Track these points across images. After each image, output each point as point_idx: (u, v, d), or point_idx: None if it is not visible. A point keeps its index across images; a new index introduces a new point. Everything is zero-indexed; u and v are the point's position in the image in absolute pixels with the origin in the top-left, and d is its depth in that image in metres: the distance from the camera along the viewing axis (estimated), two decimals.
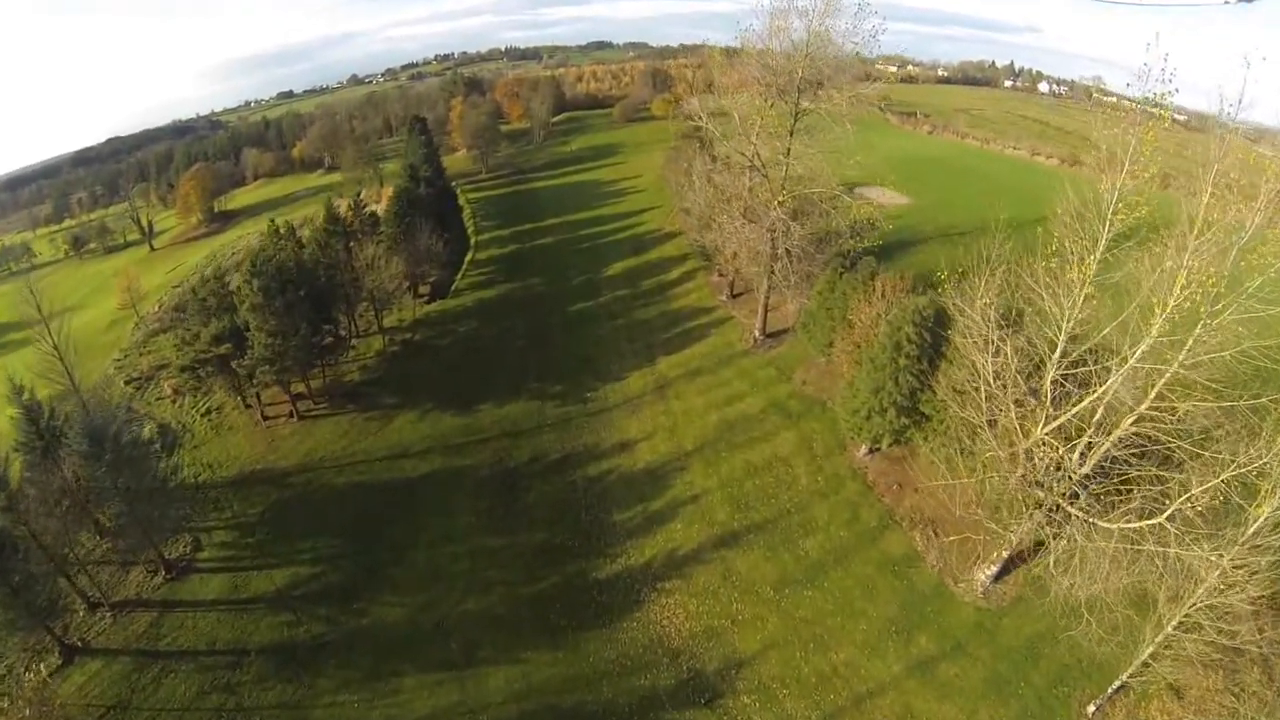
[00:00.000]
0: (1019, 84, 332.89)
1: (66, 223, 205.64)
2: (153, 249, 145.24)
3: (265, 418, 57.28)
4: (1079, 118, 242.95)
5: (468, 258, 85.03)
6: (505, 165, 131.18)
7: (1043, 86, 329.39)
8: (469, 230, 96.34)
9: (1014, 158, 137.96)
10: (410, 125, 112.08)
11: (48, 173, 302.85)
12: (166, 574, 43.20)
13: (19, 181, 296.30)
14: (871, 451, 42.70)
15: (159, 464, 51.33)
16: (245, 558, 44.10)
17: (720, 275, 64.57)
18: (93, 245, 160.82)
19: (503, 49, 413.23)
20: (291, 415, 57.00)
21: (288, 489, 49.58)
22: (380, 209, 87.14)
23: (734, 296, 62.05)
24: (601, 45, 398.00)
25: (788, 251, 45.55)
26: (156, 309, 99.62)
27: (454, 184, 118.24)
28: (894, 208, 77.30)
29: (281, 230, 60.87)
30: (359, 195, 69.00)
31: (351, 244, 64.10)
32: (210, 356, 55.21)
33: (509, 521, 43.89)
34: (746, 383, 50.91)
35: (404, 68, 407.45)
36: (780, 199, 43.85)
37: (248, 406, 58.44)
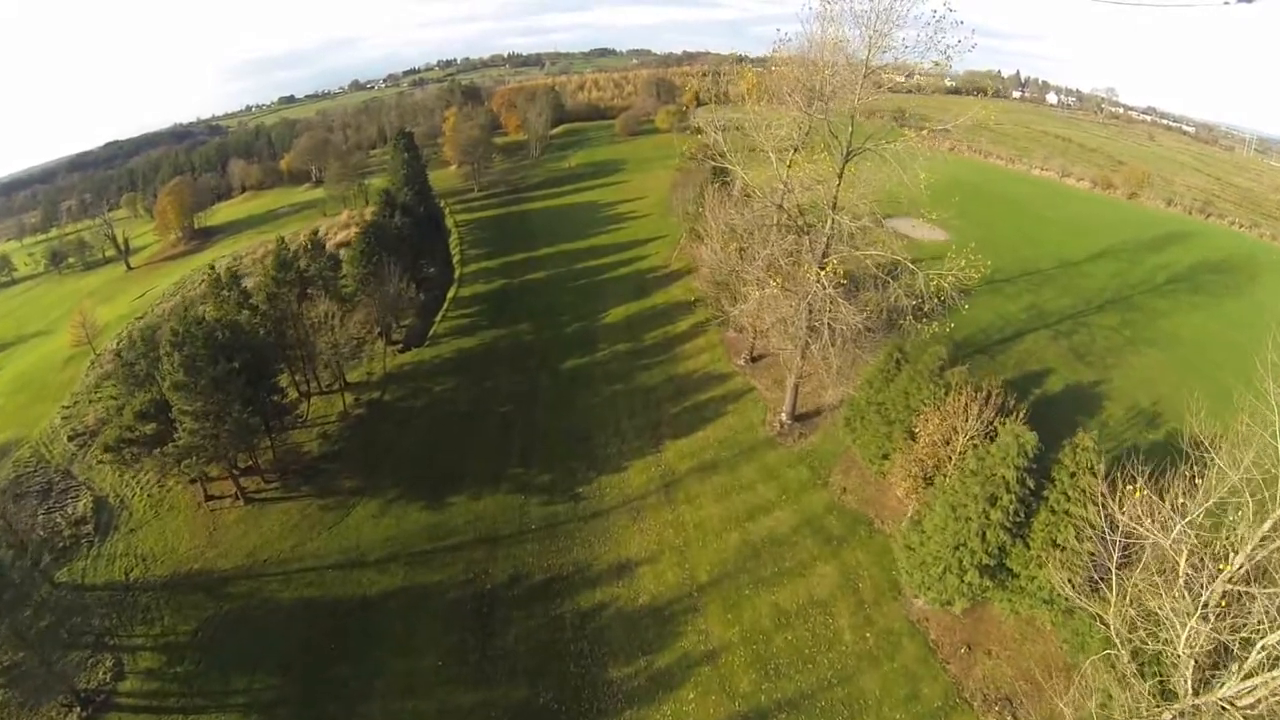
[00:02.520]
0: (1027, 94, 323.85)
1: (53, 232, 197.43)
2: (129, 268, 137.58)
3: (209, 497, 48.94)
4: (1096, 132, 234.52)
5: (450, 294, 76.03)
6: (499, 182, 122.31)
7: (1050, 97, 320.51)
8: (454, 259, 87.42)
9: (1044, 180, 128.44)
10: (395, 140, 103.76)
11: (44, 177, 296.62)
12: (81, 711, 35.05)
13: (14, 186, 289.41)
14: None
15: (75, 564, 44.56)
16: (172, 693, 35.73)
17: (737, 331, 55.28)
18: (71, 260, 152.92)
19: (505, 55, 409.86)
20: (238, 497, 48.50)
21: (226, 601, 40.97)
22: (350, 235, 78.58)
23: (754, 360, 52.67)
24: (604, 52, 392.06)
25: (830, 328, 35.90)
26: (115, 344, 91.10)
27: (442, 203, 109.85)
28: (931, 245, 68.15)
29: (223, 278, 51.69)
30: (317, 233, 59.73)
31: (310, 290, 55.24)
32: (136, 436, 46.92)
33: (483, 668, 34.80)
34: (773, 487, 41.51)
35: (406, 73, 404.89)
36: (827, 269, 34.12)
37: (192, 482, 49.86)
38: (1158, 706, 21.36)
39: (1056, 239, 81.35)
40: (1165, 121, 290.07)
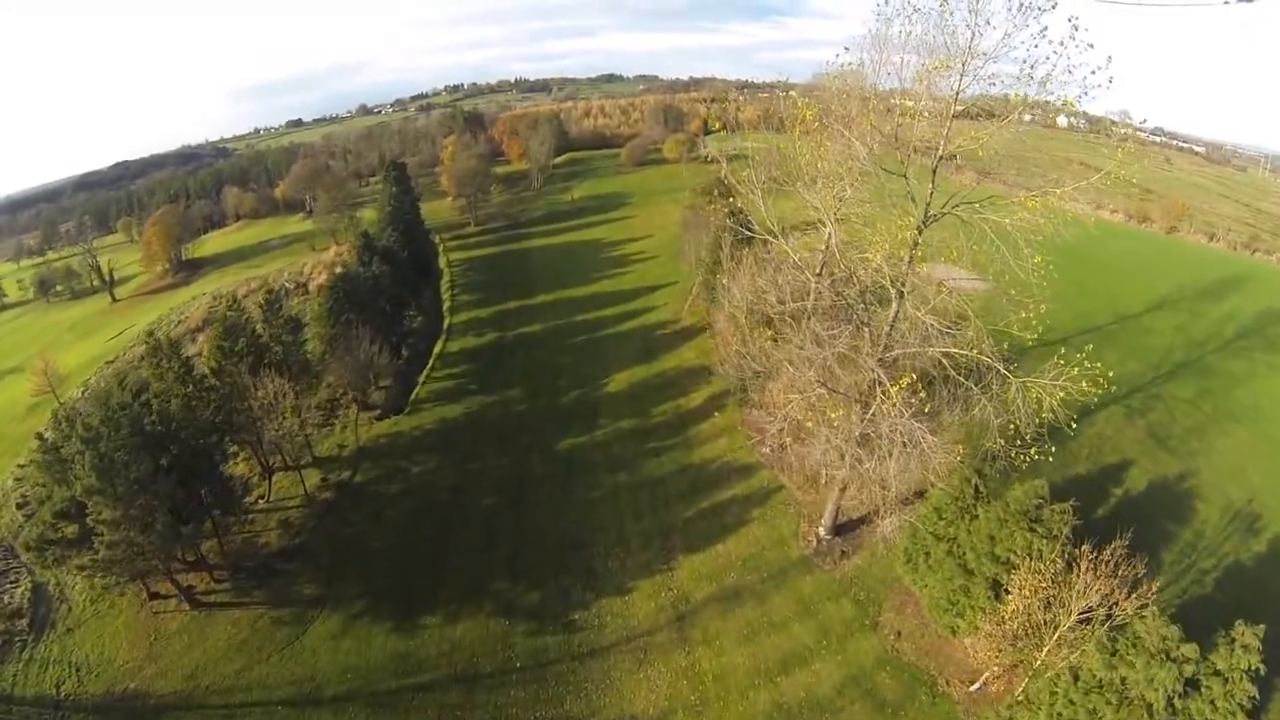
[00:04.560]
0: (1037, 117, 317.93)
1: (49, 255, 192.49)
2: (114, 300, 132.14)
3: (153, 595, 42.24)
4: (1115, 157, 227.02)
5: (437, 348, 68.69)
6: (497, 215, 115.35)
7: (1061, 120, 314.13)
8: (444, 304, 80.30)
9: (1076, 213, 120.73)
10: (386, 172, 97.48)
11: (50, 196, 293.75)
12: None
13: (20, 204, 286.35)
14: None
15: None
16: None
17: (759, 408, 47.63)
18: (60, 288, 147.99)
19: (512, 80, 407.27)
20: (182, 599, 41.62)
21: None
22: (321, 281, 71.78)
23: (780, 447, 44.89)
24: (611, 78, 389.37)
25: (898, 445, 27.67)
26: (80, 393, 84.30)
27: (436, 239, 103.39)
28: (971, 297, 60.50)
29: (164, 345, 44.44)
30: (272, 293, 52.44)
31: (267, 357, 48.00)
32: (59, 537, 40.21)
33: None
34: (811, 627, 33.53)
35: (413, 98, 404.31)
36: (902, 383, 26.11)
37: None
38: None
39: (1108, 285, 73.78)
40: (1176, 143, 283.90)
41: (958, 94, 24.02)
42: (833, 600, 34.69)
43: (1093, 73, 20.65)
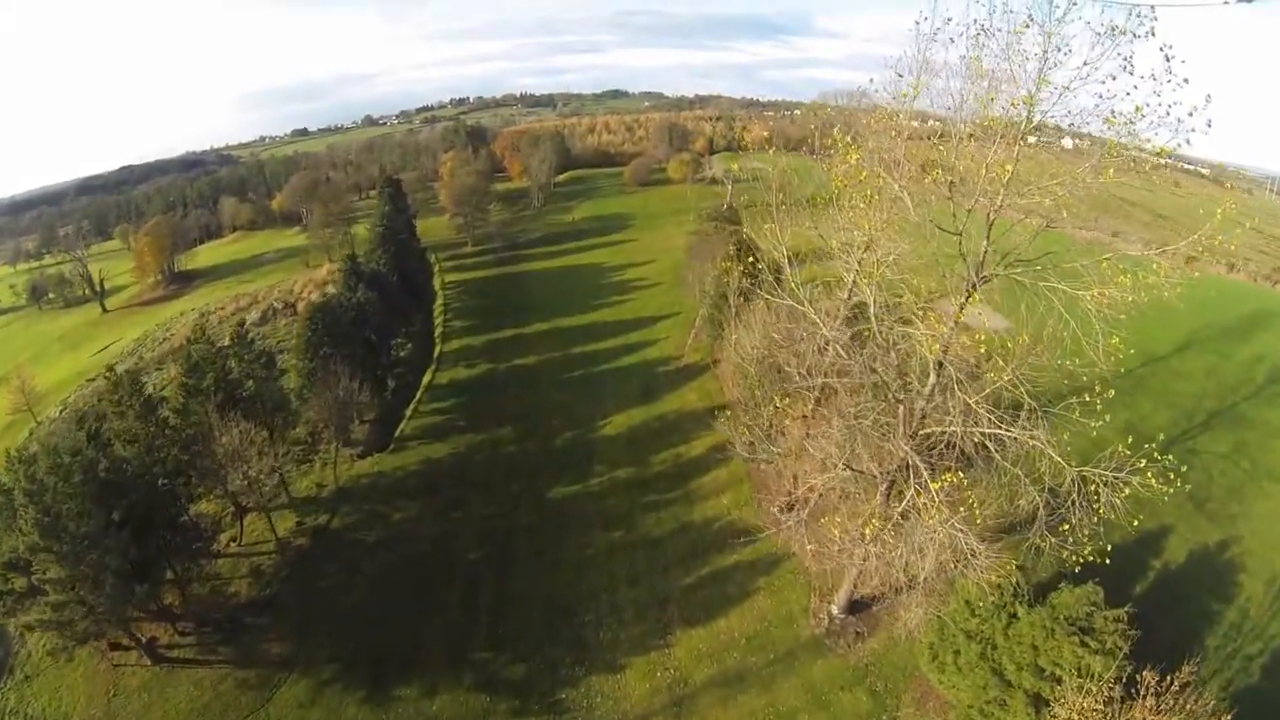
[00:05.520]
0: (1042, 140, 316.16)
1: (46, 260, 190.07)
2: (105, 310, 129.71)
3: (114, 646, 39.15)
4: (1124, 181, 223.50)
5: (426, 379, 65.50)
6: (495, 236, 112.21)
7: (1066, 142, 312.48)
8: (436, 330, 77.26)
9: (1093, 242, 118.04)
10: (381, 188, 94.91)
11: (53, 198, 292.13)
12: None
13: (23, 206, 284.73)
14: None
15: None
16: None
17: (767, 463, 44.22)
18: (52, 295, 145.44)
19: (517, 95, 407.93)
20: (143, 654, 38.59)
21: None
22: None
23: (789, 508, 41.37)
24: (616, 94, 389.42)
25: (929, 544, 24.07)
26: (58, 413, 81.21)
27: (432, 258, 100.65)
28: (989, 336, 57.31)
29: (123, 383, 41.16)
30: (243, 324, 49.43)
31: (238, 394, 44.87)
32: (8, 589, 37.27)
33: None
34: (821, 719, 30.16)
35: (419, 110, 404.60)
36: (940, 480, 22.35)
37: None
38: None
39: (1135, 323, 70.44)
40: (1183, 164, 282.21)
41: (1024, 131, 20.53)
42: (846, 690, 31.15)
43: (1190, 114, 17.05)
